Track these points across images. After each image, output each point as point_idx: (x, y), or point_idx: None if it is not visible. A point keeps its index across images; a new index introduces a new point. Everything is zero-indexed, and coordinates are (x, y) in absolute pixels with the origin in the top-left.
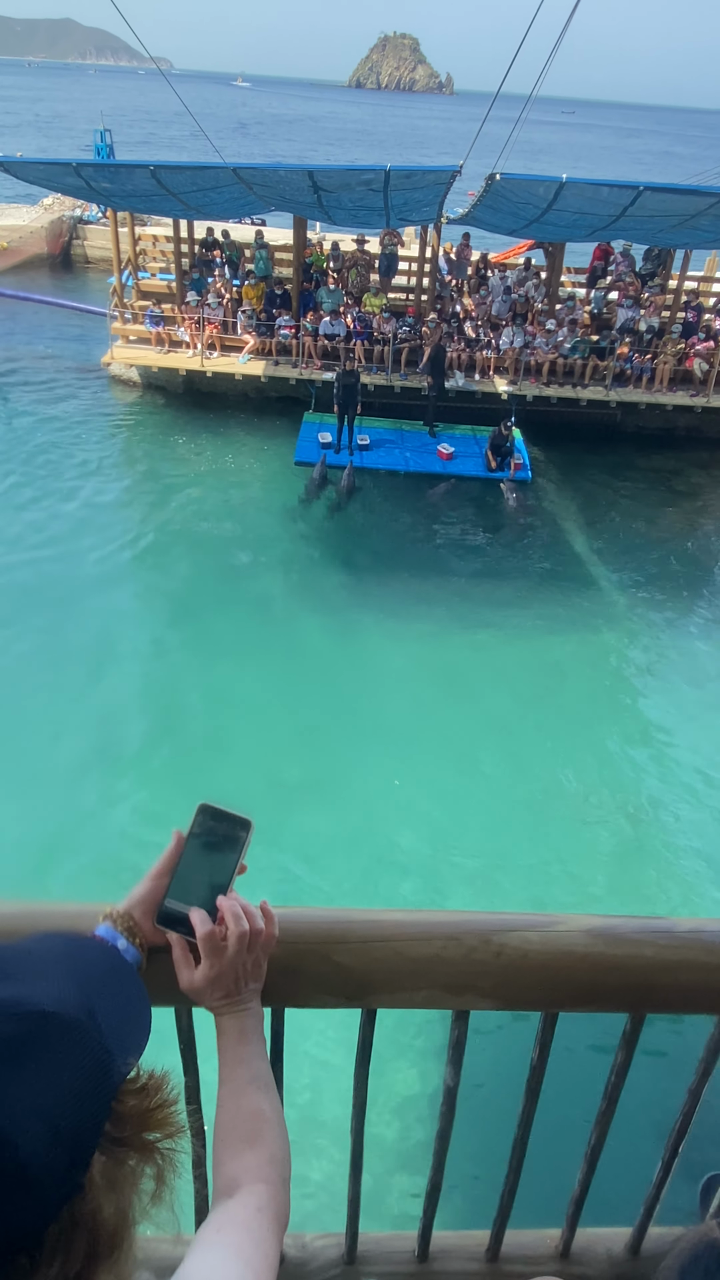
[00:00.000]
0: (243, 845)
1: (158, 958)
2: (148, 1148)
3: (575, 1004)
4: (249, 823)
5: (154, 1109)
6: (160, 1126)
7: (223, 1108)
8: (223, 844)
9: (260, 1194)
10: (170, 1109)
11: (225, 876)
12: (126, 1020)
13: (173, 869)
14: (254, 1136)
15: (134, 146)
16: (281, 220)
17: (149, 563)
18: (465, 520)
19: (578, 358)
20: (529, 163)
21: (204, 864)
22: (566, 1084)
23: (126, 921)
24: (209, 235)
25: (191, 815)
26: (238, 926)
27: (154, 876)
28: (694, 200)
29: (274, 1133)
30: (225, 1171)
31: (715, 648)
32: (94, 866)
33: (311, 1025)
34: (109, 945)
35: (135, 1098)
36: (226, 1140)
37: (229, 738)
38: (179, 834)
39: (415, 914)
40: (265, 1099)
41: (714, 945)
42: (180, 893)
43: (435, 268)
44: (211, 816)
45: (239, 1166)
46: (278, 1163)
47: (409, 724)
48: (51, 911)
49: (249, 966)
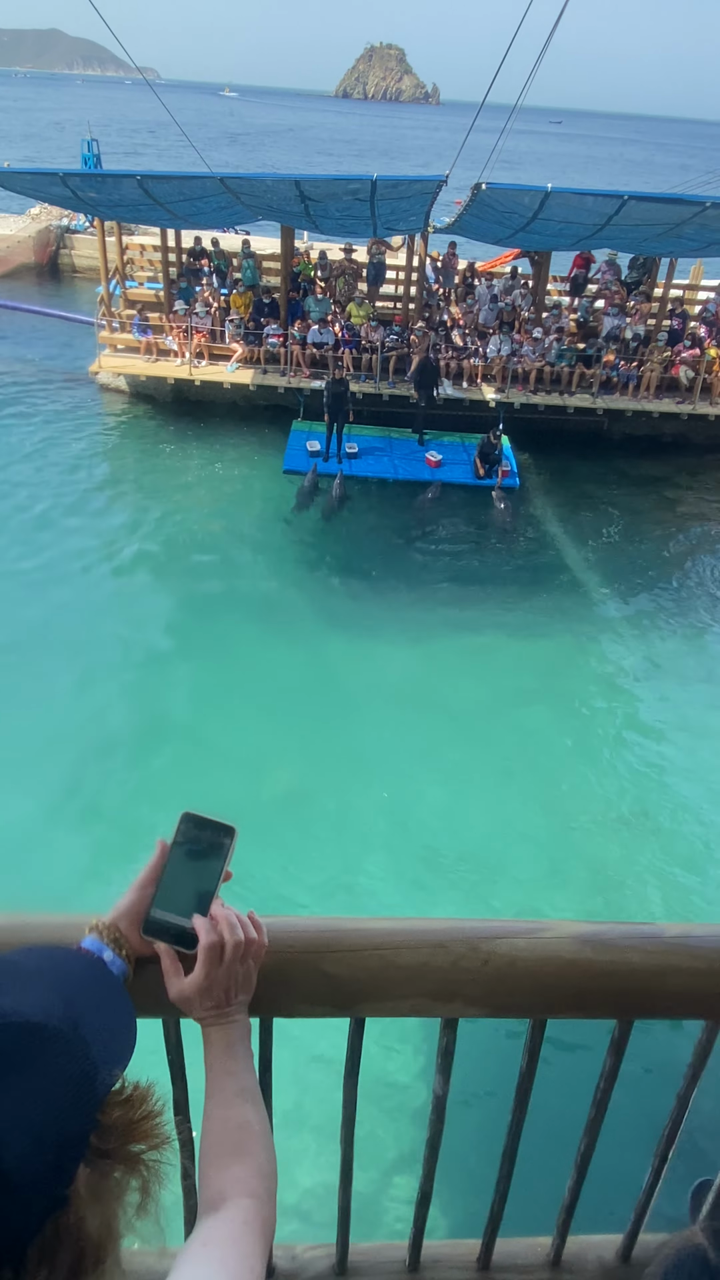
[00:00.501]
0: (227, 852)
1: (145, 969)
2: (133, 1160)
3: (563, 1010)
4: (233, 829)
5: (139, 1120)
6: (146, 1138)
7: (210, 1120)
8: (207, 851)
9: (247, 1207)
10: (156, 1120)
11: (211, 884)
12: (111, 1032)
13: (158, 878)
14: (241, 1149)
15: (121, 157)
16: (269, 229)
17: (136, 571)
18: (454, 528)
19: (564, 365)
20: (516, 172)
21: (189, 872)
22: (558, 1091)
23: (113, 933)
24: (197, 244)
25: (175, 824)
26: (233, 936)
27: (139, 886)
28: (678, 209)
29: (261, 1145)
30: (212, 1184)
31: (705, 652)
32: (79, 879)
33: (301, 1034)
34: (94, 957)
35: (120, 1109)
36: (213, 1153)
37: (216, 746)
38: (163, 843)
39: (403, 922)
40: (253, 1111)
41: (700, 950)
42: (166, 902)
43: (422, 276)
44: (195, 824)
45: (226, 1179)
46: (264, 1176)
47: (399, 732)
48: (37, 924)
49: (240, 977)
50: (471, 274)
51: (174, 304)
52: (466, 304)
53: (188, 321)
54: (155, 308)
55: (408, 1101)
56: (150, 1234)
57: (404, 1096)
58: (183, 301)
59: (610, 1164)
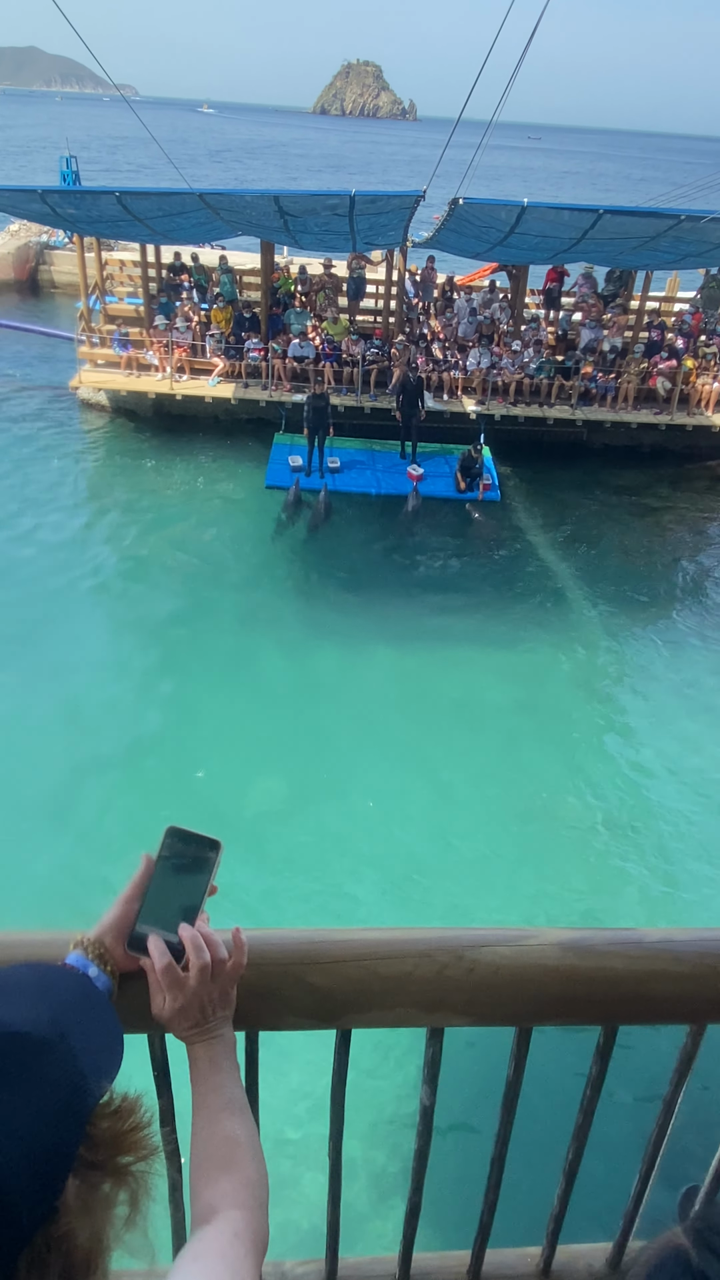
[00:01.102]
0: (212, 866)
1: (131, 984)
2: (122, 1171)
3: (548, 1018)
4: (218, 843)
5: (128, 1132)
6: (134, 1149)
7: (197, 1136)
8: (192, 866)
9: (236, 1220)
10: (144, 1132)
11: (196, 898)
12: (99, 1045)
13: (143, 893)
14: (229, 1162)
15: (100, 174)
16: (250, 244)
17: (120, 586)
18: (437, 540)
19: (544, 378)
20: (497, 187)
21: (174, 886)
22: (548, 1100)
23: (97, 949)
24: (176, 259)
25: (159, 838)
26: (199, 958)
27: (124, 901)
28: (653, 222)
29: (249, 1158)
30: (201, 1199)
31: (687, 658)
32: (63, 895)
33: (288, 1046)
34: (79, 973)
35: (109, 1120)
36: (202, 1167)
37: (201, 760)
38: (148, 857)
39: (387, 932)
40: (240, 1125)
41: (683, 955)
42: (151, 917)
43: (402, 290)
44: (180, 838)
45: (215, 1193)
46: (254, 1187)
47: (384, 743)
48: (20, 941)
49: (215, 996)
50: (450, 288)
51: (154, 319)
52: (446, 317)
53: (168, 336)
54: (135, 323)
55: (396, 1113)
56: (139, 1246)
57: (392, 1108)
58: (163, 316)
59: (601, 1171)
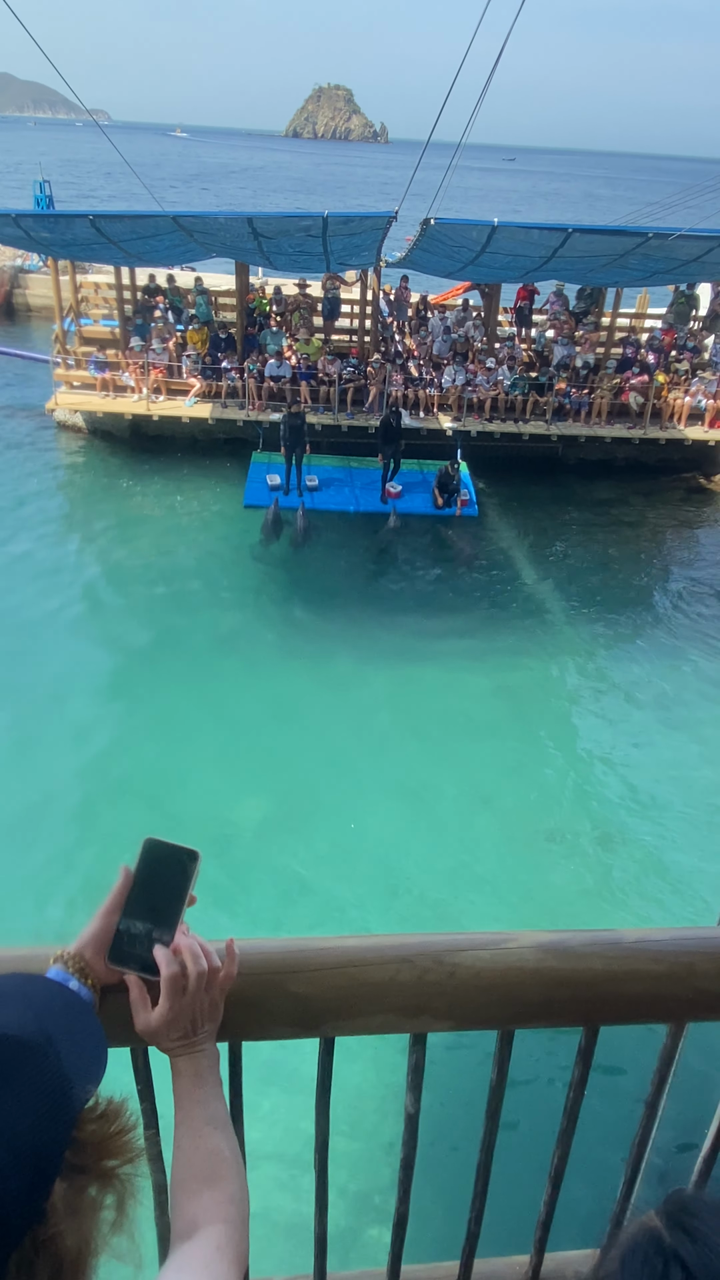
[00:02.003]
0: (191, 877)
1: (112, 997)
2: (108, 1175)
3: (530, 1020)
4: (196, 854)
5: (113, 1135)
6: (120, 1153)
7: (180, 1149)
8: (171, 877)
9: (219, 1234)
10: (129, 1135)
11: (176, 910)
12: (84, 1049)
13: (122, 905)
14: (212, 1176)
15: (74, 198)
16: (225, 265)
17: (94, 608)
18: (416, 558)
19: (518, 394)
20: (472, 207)
21: (153, 898)
22: (535, 1104)
23: (78, 962)
24: (151, 281)
25: (137, 850)
26: (196, 966)
27: (103, 915)
28: (621, 240)
29: (232, 1172)
30: (184, 1213)
31: (663, 670)
32: (47, 912)
33: (272, 1057)
34: (60, 983)
35: (95, 1124)
36: (184, 1181)
37: (183, 781)
38: (126, 869)
39: (369, 939)
40: (222, 1138)
41: (660, 954)
42: (131, 929)
43: (376, 309)
44: (157, 849)
45: (197, 1207)
46: (236, 1202)
47: (366, 762)
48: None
49: (206, 1007)
50: (424, 307)
51: (129, 340)
52: (420, 336)
53: (144, 358)
54: (111, 345)
55: (381, 1122)
56: (125, 1251)
57: (377, 1117)
58: (138, 338)
59: (590, 1176)
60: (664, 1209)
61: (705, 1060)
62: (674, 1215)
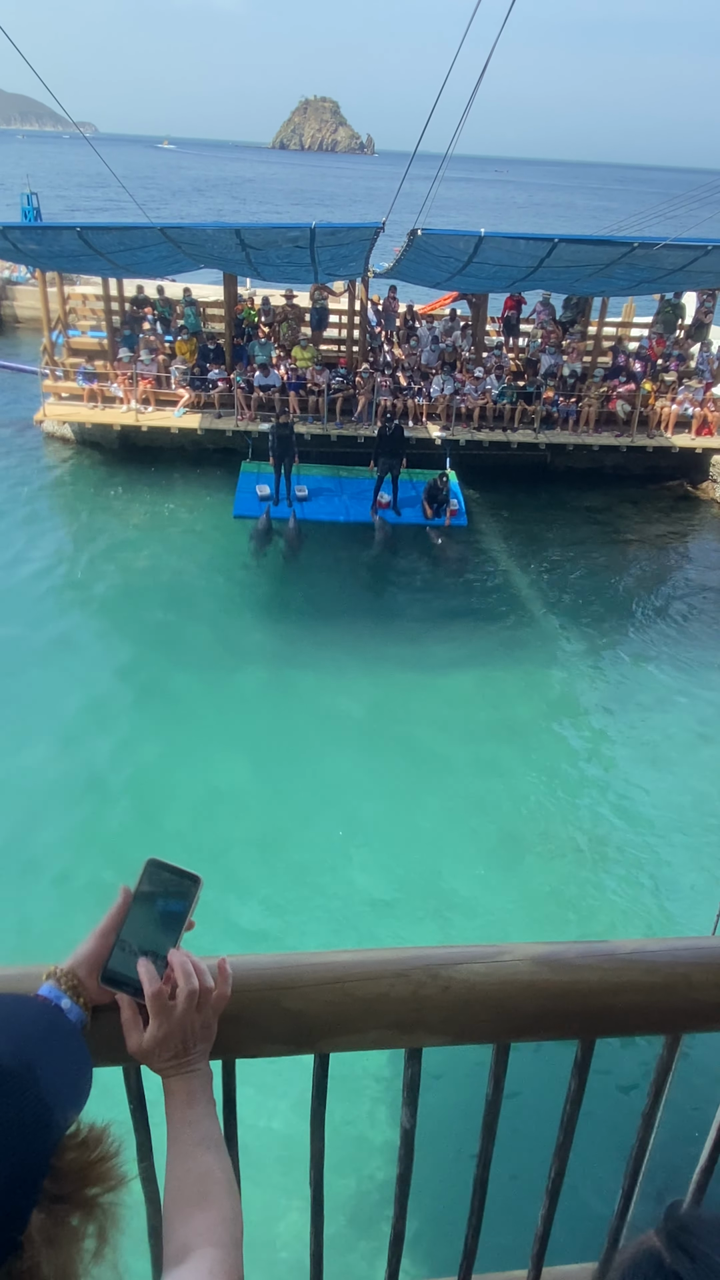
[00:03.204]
0: (191, 901)
1: (104, 1017)
2: (89, 1204)
3: (525, 1033)
4: (198, 879)
5: (95, 1163)
6: (102, 1180)
7: (172, 1171)
8: (171, 900)
9: (212, 1257)
10: (112, 1163)
11: (173, 933)
12: (66, 1075)
13: (119, 926)
14: (204, 1199)
15: (62, 210)
16: (213, 276)
17: (84, 619)
18: (407, 567)
19: (506, 403)
20: (464, 218)
21: (152, 920)
22: (532, 1117)
23: (70, 980)
24: (140, 292)
25: (139, 870)
26: (187, 984)
27: (100, 934)
28: (606, 250)
29: (225, 1194)
30: (176, 1236)
31: (651, 678)
32: (35, 931)
33: (264, 1075)
34: (50, 1004)
35: (75, 1152)
36: (176, 1203)
37: (173, 790)
38: (126, 889)
39: (362, 953)
40: (215, 1160)
41: (656, 965)
42: (127, 950)
43: (364, 320)
44: (160, 871)
45: (190, 1230)
46: (229, 1224)
47: (354, 767)
48: None
49: (198, 1027)
50: (412, 316)
51: (118, 351)
52: (409, 345)
53: (132, 368)
54: (100, 356)
55: (377, 1138)
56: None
57: (373, 1133)
58: (126, 349)
59: (590, 1188)
60: (663, 1228)
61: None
62: (674, 1234)
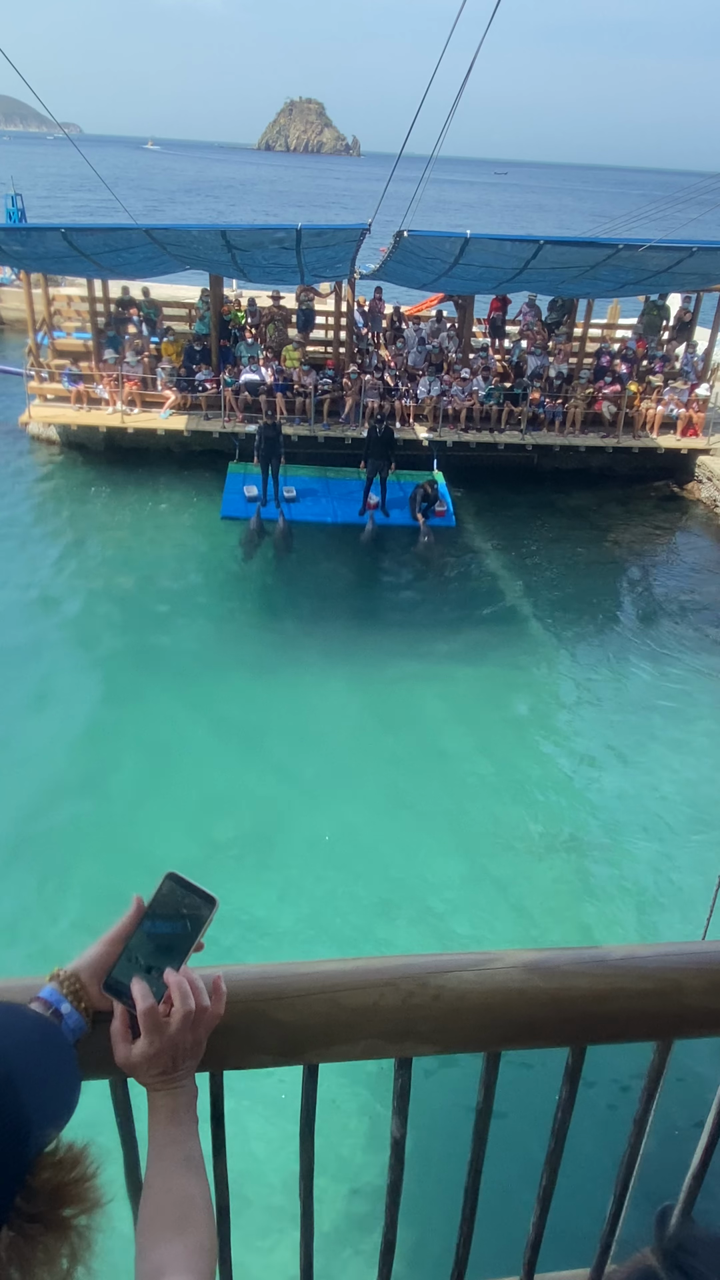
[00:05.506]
0: (204, 922)
1: (103, 1025)
2: (63, 1225)
3: (516, 1041)
4: (214, 900)
5: (71, 1183)
6: (77, 1201)
7: (150, 1190)
8: (184, 917)
9: None
10: (88, 1183)
11: (181, 952)
12: (49, 1091)
13: (128, 935)
14: (183, 1223)
15: (47, 212)
16: (199, 277)
17: (71, 622)
18: (395, 568)
19: (493, 404)
20: (459, 219)
21: (161, 936)
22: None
23: (73, 984)
24: (125, 294)
25: (157, 882)
26: (184, 1005)
27: (107, 942)
28: (591, 252)
29: (203, 1220)
30: (150, 1259)
31: (635, 679)
32: (26, 943)
33: (252, 1086)
34: (43, 1017)
35: (50, 1170)
36: (153, 1225)
37: (161, 793)
38: (139, 900)
39: (351, 962)
40: (196, 1183)
41: (647, 972)
42: (133, 962)
43: (351, 321)
44: (177, 887)
45: (165, 1255)
46: (205, 1252)
47: (342, 769)
48: None
49: (189, 1045)
50: (398, 318)
51: (103, 353)
52: (396, 347)
53: (118, 370)
54: (85, 357)
55: (368, 1148)
56: None
57: (362, 1143)
58: (111, 350)
59: (582, 1195)
60: (660, 1246)
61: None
62: (670, 1253)
